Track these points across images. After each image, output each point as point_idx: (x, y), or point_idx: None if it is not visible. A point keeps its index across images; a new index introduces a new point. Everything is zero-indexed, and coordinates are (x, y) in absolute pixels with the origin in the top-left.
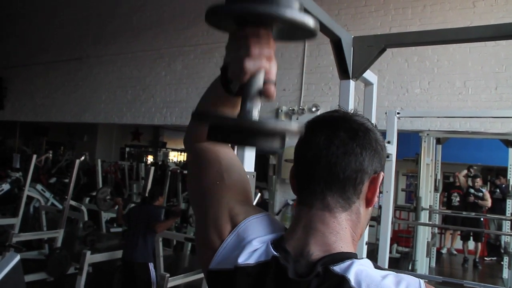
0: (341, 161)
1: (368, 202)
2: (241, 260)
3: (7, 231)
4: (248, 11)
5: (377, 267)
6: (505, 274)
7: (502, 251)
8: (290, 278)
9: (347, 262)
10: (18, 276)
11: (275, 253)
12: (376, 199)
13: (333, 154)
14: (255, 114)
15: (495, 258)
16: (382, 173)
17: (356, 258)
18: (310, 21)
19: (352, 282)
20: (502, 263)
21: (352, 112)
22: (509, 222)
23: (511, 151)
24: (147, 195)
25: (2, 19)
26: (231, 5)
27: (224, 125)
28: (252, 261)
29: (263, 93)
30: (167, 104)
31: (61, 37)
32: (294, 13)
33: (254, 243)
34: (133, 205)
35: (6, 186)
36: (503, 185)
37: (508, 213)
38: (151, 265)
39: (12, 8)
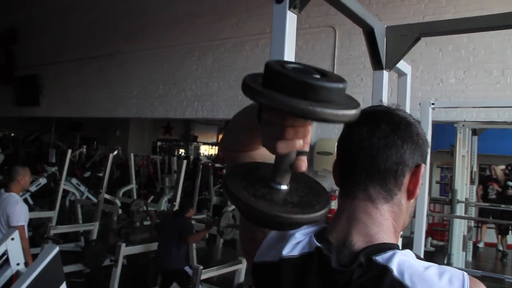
0: (382, 153)
1: (410, 194)
2: (285, 252)
3: (45, 223)
4: (281, 108)
5: (419, 258)
6: None
7: None
8: (333, 268)
9: (389, 253)
10: (58, 267)
11: (318, 244)
12: (417, 191)
13: (374, 146)
14: (284, 186)
15: None
16: (423, 165)
17: (398, 249)
18: (350, 114)
19: (395, 272)
20: None
21: (394, 106)
22: None
23: None
24: (178, 207)
25: (37, 18)
26: (264, 95)
27: (254, 212)
28: (296, 252)
29: (294, 168)
30: (198, 98)
31: (93, 33)
32: (335, 112)
33: (297, 235)
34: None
35: (43, 180)
36: None
37: None
38: (187, 268)
39: (45, 6)
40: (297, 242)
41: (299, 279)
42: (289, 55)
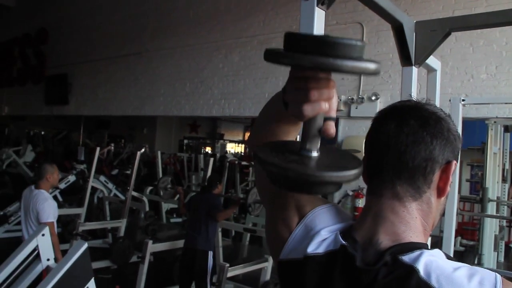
0: (411, 150)
1: (440, 192)
2: (310, 249)
3: (74, 220)
4: (305, 64)
5: (449, 258)
6: None
7: None
8: (358, 267)
9: (417, 252)
10: (86, 262)
11: (343, 242)
12: (448, 188)
13: (402, 143)
14: (314, 153)
15: None
16: (454, 162)
17: (427, 248)
18: (370, 67)
19: (421, 272)
20: None
21: (424, 101)
22: None
23: None
24: (206, 183)
25: (66, 18)
26: (288, 56)
27: (284, 175)
28: (321, 250)
29: (323, 132)
30: (224, 96)
31: (121, 32)
32: (354, 64)
33: (323, 232)
34: (193, 194)
35: (72, 178)
36: None
37: None
38: (210, 253)
39: (74, 7)
40: (322, 240)
41: (323, 277)
42: None
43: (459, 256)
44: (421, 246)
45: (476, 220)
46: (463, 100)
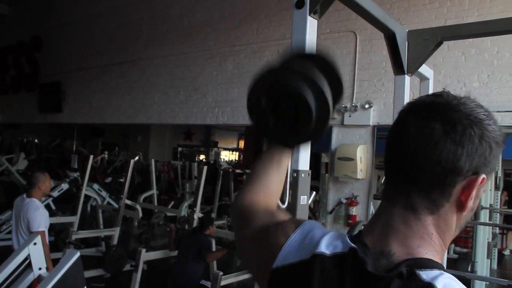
0: (429, 158)
1: (460, 207)
2: (318, 250)
3: (67, 228)
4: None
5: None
6: None
7: None
8: (370, 272)
9: (436, 272)
10: (79, 271)
11: (352, 245)
12: (470, 204)
13: (421, 149)
14: None
15: None
16: (482, 176)
17: (444, 270)
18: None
19: None
20: None
21: (461, 98)
22: None
23: None
24: (197, 224)
25: (60, 26)
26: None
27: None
28: (328, 252)
29: None
30: (218, 104)
31: (115, 40)
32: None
33: (327, 238)
34: (185, 231)
35: (65, 186)
36: None
37: None
38: (202, 281)
39: (69, 15)
40: (328, 243)
41: (331, 279)
42: None
43: (452, 263)
44: (439, 267)
45: (470, 228)
46: None
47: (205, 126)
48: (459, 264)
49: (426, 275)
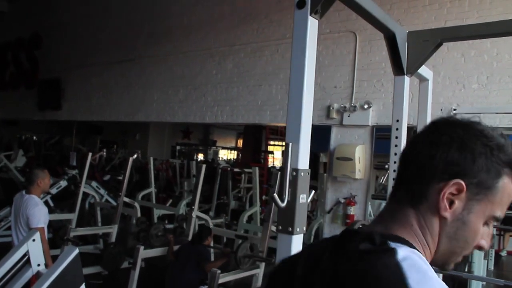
0: (413, 158)
1: (437, 208)
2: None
3: (65, 225)
4: None
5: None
6: None
7: None
8: (346, 248)
9: (405, 246)
10: (77, 268)
11: (344, 230)
12: (444, 212)
13: (409, 152)
14: None
15: None
16: (455, 181)
17: (418, 251)
18: None
19: (399, 256)
20: None
21: (468, 118)
22: None
23: None
24: (196, 234)
25: (60, 23)
26: None
27: None
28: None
29: None
30: (218, 103)
31: (115, 38)
32: None
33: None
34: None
35: (63, 183)
36: None
37: None
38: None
39: (69, 12)
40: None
41: (315, 254)
42: (310, 60)
43: None
44: (413, 246)
45: None
46: (454, 110)
47: (203, 124)
48: (456, 265)
49: (394, 244)
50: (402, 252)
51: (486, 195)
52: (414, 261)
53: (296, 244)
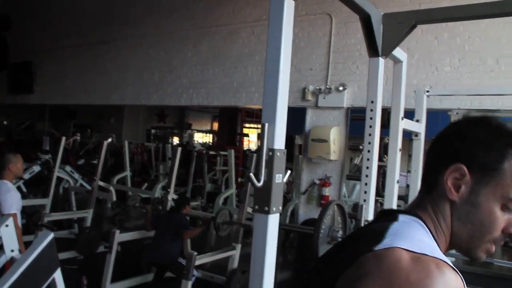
0: (430, 152)
1: (447, 193)
2: None
3: (39, 211)
4: None
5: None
6: None
7: None
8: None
9: (410, 216)
10: (52, 253)
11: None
12: (453, 192)
13: (430, 149)
14: None
15: None
16: (457, 166)
17: (423, 223)
18: None
19: (398, 219)
20: None
21: (484, 117)
22: None
23: None
24: (174, 204)
25: (31, 4)
26: None
27: None
28: None
29: None
30: (193, 85)
31: (88, 20)
32: None
33: None
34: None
35: (36, 168)
36: None
37: None
38: (180, 259)
39: None
40: None
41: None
42: (286, 42)
43: None
44: (419, 217)
45: None
46: (427, 92)
47: (179, 108)
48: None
49: (402, 217)
50: (403, 218)
51: (492, 177)
52: (409, 223)
53: (273, 223)
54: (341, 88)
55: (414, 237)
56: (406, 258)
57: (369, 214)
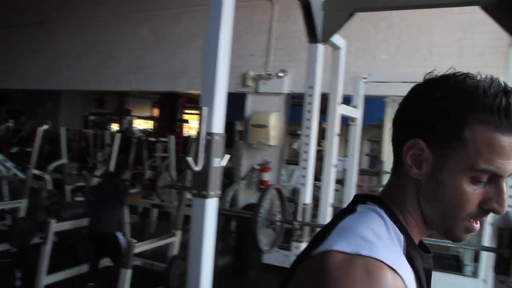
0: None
1: (408, 169)
2: None
3: None
4: None
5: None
6: None
7: None
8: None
9: (369, 206)
10: None
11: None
12: (414, 170)
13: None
14: None
15: None
16: (415, 141)
17: (383, 210)
18: None
19: (333, 231)
20: None
21: (469, 73)
22: None
23: None
24: (113, 169)
25: None
26: None
27: None
28: None
29: None
30: (133, 70)
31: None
32: None
33: None
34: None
35: None
36: None
37: None
38: (119, 234)
39: None
40: None
41: None
42: (226, 27)
43: None
44: (387, 206)
45: (375, 192)
46: (364, 78)
47: (118, 94)
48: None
49: (361, 207)
50: (361, 209)
51: (454, 149)
52: (364, 214)
53: (211, 207)
54: (281, 74)
55: (357, 234)
56: (335, 266)
57: (306, 197)
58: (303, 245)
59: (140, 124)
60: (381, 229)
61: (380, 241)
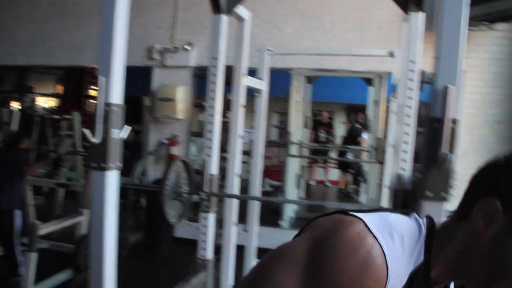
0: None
1: (474, 223)
2: None
3: None
4: None
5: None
6: (363, 198)
7: (362, 179)
8: None
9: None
10: None
11: None
12: (480, 225)
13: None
14: None
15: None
16: (487, 199)
17: (426, 229)
18: None
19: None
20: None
21: None
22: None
23: (370, 89)
24: (12, 139)
25: None
26: None
27: None
28: None
29: None
30: (31, 43)
31: None
32: None
33: None
34: None
35: None
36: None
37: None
38: (17, 213)
39: None
40: None
41: None
42: None
43: (266, 195)
44: (429, 227)
45: (283, 163)
46: (269, 50)
47: (18, 70)
48: (273, 194)
49: (413, 215)
50: (411, 215)
51: None
52: (406, 218)
53: (111, 181)
54: (188, 47)
55: (387, 220)
56: (351, 228)
57: (213, 168)
58: (211, 216)
59: (44, 102)
60: (411, 237)
61: (398, 240)
